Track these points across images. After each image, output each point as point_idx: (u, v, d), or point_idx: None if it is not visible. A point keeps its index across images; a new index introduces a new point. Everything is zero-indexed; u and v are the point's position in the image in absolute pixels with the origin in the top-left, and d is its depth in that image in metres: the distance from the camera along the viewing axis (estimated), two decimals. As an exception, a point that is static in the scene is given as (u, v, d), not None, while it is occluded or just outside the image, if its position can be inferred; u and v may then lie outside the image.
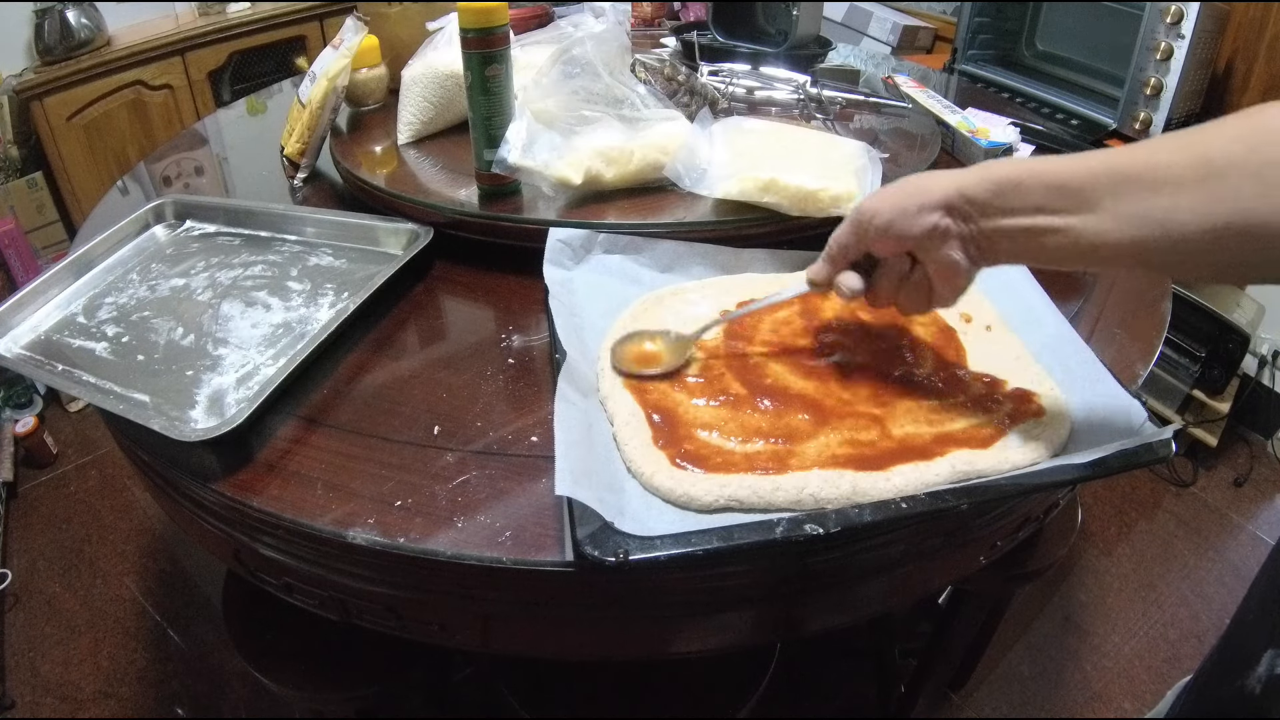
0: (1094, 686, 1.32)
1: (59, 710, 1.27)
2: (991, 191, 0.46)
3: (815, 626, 0.61)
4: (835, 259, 0.54)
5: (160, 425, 0.55)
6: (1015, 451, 0.53)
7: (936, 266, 0.50)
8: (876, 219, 0.50)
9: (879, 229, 0.50)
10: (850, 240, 0.52)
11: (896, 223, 0.49)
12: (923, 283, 0.52)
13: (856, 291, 0.53)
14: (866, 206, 0.50)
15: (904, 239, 0.50)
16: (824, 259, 0.55)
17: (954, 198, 0.47)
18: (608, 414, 0.56)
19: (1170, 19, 1.36)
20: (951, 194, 0.47)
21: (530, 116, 0.76)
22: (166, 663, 1.34)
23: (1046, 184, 0.45)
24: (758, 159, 0.76)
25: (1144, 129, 1.47)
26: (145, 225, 0.84)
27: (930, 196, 0.48)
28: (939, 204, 0.48)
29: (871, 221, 0.50)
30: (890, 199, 0.50)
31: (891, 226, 0.49)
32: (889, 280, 0.53)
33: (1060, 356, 0.61)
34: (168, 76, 2.05)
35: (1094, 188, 0.44)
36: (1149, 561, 1.55)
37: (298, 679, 0.76)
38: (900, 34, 2.03)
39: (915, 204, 0.48)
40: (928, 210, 0.48)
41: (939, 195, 0.48)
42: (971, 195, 0.47)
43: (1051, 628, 1.42)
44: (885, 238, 0.50)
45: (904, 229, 0.49)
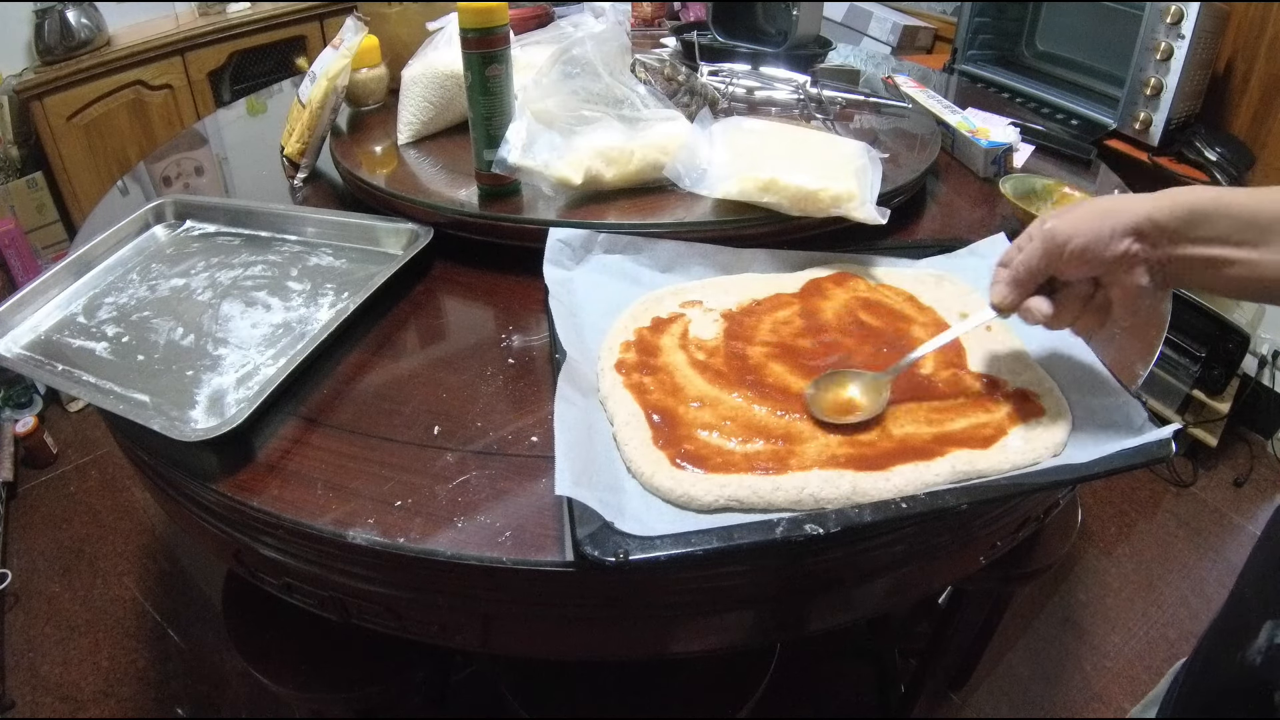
0: (1094, 686, 1.32)
1: (59, 710, 1.27)
2: (1181, 220, 0.47)
3: (815, 626, 0.61)
4: (1024, 283, 0.53)
5: (160, 425, 0.55)
6: (1015, 451, 0.53)
7: (1122, 290, 0.50)
8: (1072, 243, 0.49)
9: (1074, 252, 0.50)
10: (1041, 264, 0.51)
11: (1091, 247, 0.49)
12: (1105, 305, 0.52)
13: (1048, 316, 0.52)
14: (1061, 230, 0.50)
15: (1096, 263, 0.50)
16: (1009, 283, 0.53)
17: (1143, 224, 0.48)
18: (608, 414, 0.56)
19: (1170, 19, 1.36)
20: (1141, 219, 0.48)
21: (530, 116, 0.76)
22: (166, 663, 1.34)
23: (1234, 216, 0.46)
24: (758, 159, 0.76)
25: (1144, 129, 1.47)
26: (145, 225, 0.84)
27: (1121, 222, 0.48)
28: (1131, 230, 0.48)
29: (1066, 245, 0.50)
30: (1084, 223, 0.49)
31: (1086, 251, 0.49)
32: (1073, 303, 0.53)
33: (1060, 356, 0.61)
34: (168, 76, 2.05)
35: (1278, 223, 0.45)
36: (1149, 561, 1.55)
37: (298, 679, 0.76)
38: (900, 34, 2.03)
39: (1109, 228, 0.49)
40: (1120, 236, 0.48)
41: (1129, 221, 0.48)
42: (1161, 222, 0.48)
43: (1051, 628, 1.42)
44: (1078, 261, 0.50)
45: (1097, 253, 0.49)
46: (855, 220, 0.72)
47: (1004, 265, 0.54)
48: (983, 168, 0.94)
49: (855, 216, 0.72)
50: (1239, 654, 0.44)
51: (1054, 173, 0.99)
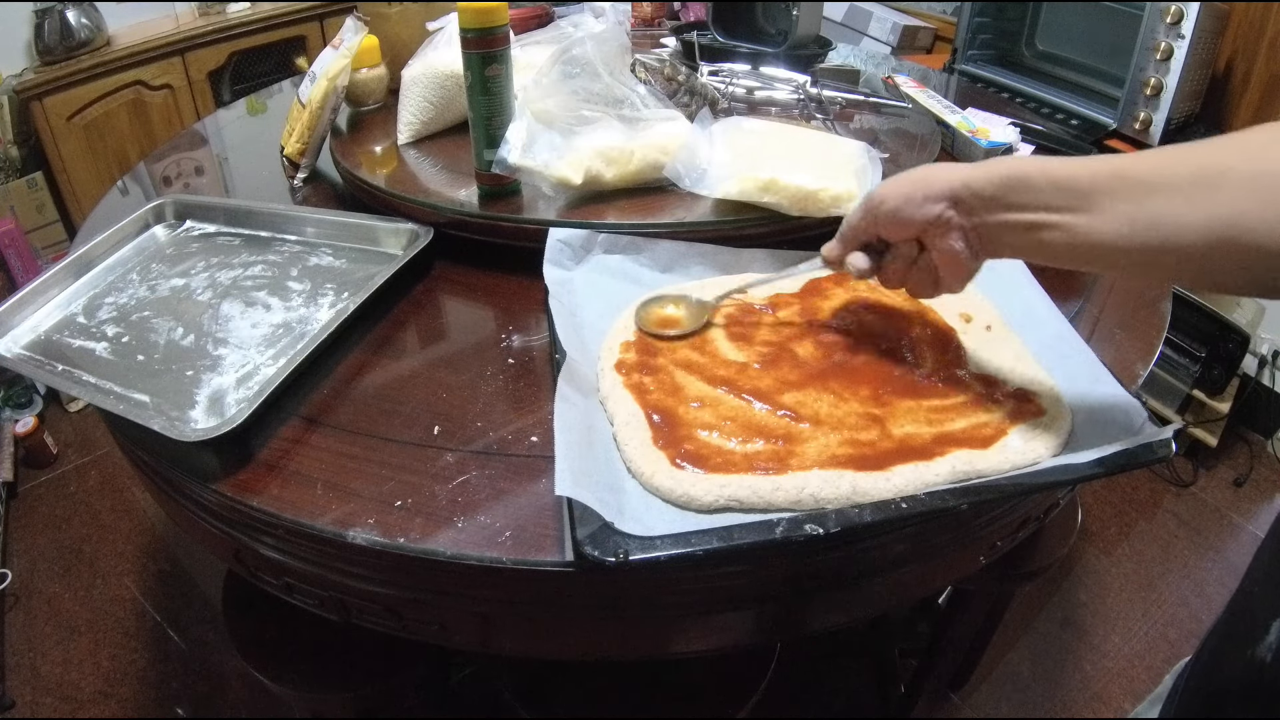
0: (1094, 686, 1.32)
1: (59, 710, 1.27)
2: (996, 186, 0.48)
3: (815, 626, 0.61)
4: (847, 239, 0.57)
5: (160, 425, 0.55)
6: (1015, 451, 0.53)
7: (940, 254, 0.52)
8: (884, 204, 0.52)
9: (886, 214, 0.53)
10: (860, 222, 0.55)
11: (902, 209, 0.51)
12: (929, 268, 0.54)
13: (863, 270, 0.56)
14: (877, 192, 0.53)
15: (909, 225, 0.52)
16: (837, 238, 0.58)
17: (959, 190, 0.49)
18: (608, 414, 0.56)
19: (1170, 19, 1.36)
20: (957, 186, 0.49)
21: (530, 116, 0.76)
22: (166, 663, 1.34)
23: (1052, 182, 0.46)
24: (758, 159, 0.76)
25: (1144, 129, 1.47)
26: (145, 225, 0.84)
27: (936, 187, 0.50)
28: (943, 195, 0.50)
29: (880, 206, 0.53)
30: (899, 187, 0.52)
31: (898, 213, 0.52)
32: (897, 264, 0.55)
33: (1060, 356, 0.61)
34: (168, 76, 2.05)
35: (1096, 188, 0.45)
36: (1149, 561, 1.55)
37: (298, 679, 0.76)
38: (900, 34, 2.03)
39: (921, 193, 0.50)
40: (932, 200, 0.50)
41: (944, 186, 0.50)
42: (976, 189, 0.49)
43: (1051, 628, 1.42)
44: (892, 223, 0.53)
45: (909, 216, 0.51)
46: (855, 220, 0.72)
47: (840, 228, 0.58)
48: (983, 168, 0.94)
49: (855, 216, 0.72)
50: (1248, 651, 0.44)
51: (1054, 173, 0.99)
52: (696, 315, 0.64)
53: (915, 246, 0.54)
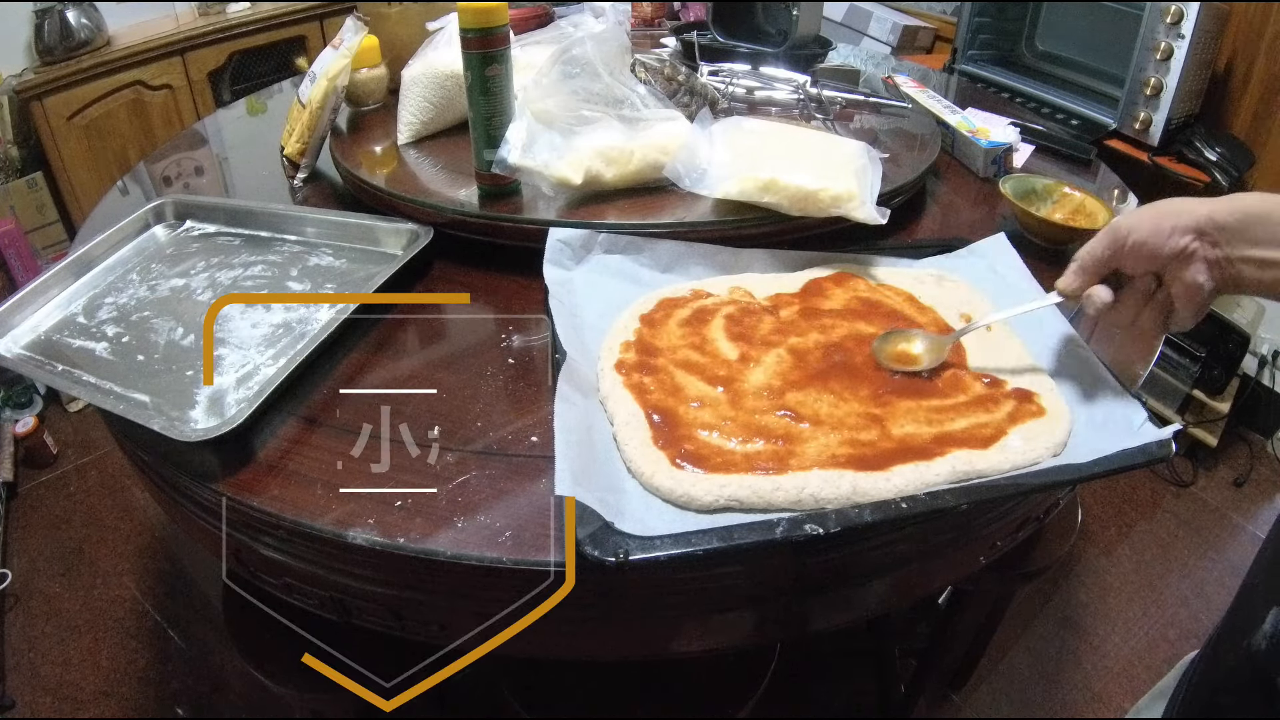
0: (1094, 686, 1.32)
1: (59, 710, 1.27)
2: (1240, 220, 0.49)
3: (815, 626, 0.61)
4: (1088, 270, 0.55)
5: (160, 425, 0.55)
6: (1015, 451, 0.53)
7: (1181, 287, 0.52)
8: (1133, 235, 0.52)
9: (1134, 245, 0.52)
10: (1105, 254, 0.54)
11: (1150, 241, 0.51)
12: (1165, 302, 0.54)
13: (1106, 305, 0.55)
14: (1123, 223, 0.53)
15: (1155, 258, 0.52)
16: (1075, 271, 0.56)
17: (1204, 223, 0.50)
18: (608, 414, 0.56)
19: (1170, 19, 1.36)
20: (1203, 220, 0.50)
21: (530, 116, 0.76)
22: (166, 663, 1.34)
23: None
24: (758, 159, 0.76)
25: (1144, 129, 1.47)
26: (145, 225, 0.84)
27: (1183, 220, 0.51)
28: (1190, 228, 0.50)
29: (1128, 238, 0.52)
30: (1147, 218, 0.52)
31: (1145, 244, 0.52)
32: (1134, 297, 0.55)
33: (1060, 356, 0.61)
34: (168, 76, 2.05)
35: None
36: (1149, 561, 1.55)
37: (298, 679, 0.76)
38: (900, 34, 2.03)
39: (1169, 225, 0.51)
40: (1180, 233, 0.51)
41: (1190, 220, 0.50)
42: (1221, 222, 0.50)
43: (1051, 628, 1.42)
44: (1137, 254, 0.53)
45: (1156, 247, 0.51)
46: (855, 220, 0.72)
47: (1075, 258, 0.56)
48: (983, 168, 0.94)
49: (855, 216, 0.72)
50: (1245, 641, 0.44)
51: (1054, 173, 0.99)
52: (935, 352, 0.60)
53: (1154, 280, 0.54)
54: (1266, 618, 0.43)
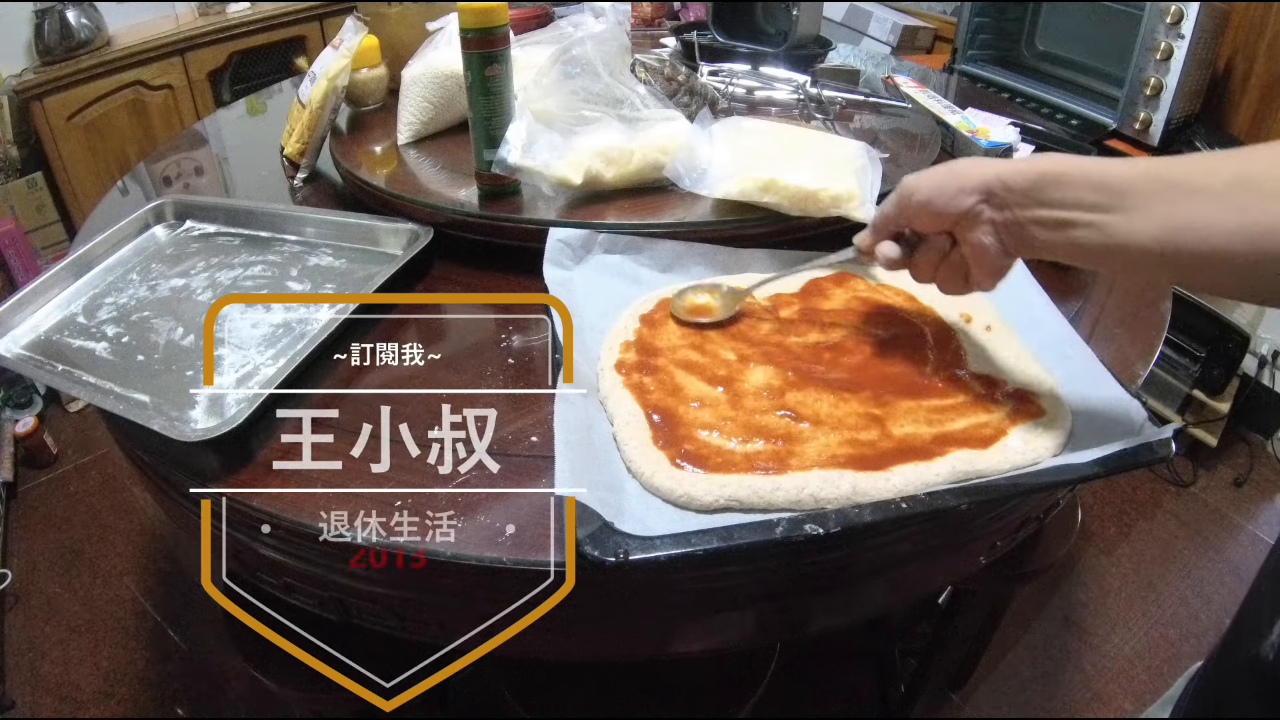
0: (1094, 686, 1.32)
1: (59, 710, 1.27)
2: (1031, 181, 0.48)
3: (815, 626, 0.61)
4: (878, 228, 0.57)
5: (160, 425, 0.55)
6: (1015, 451, 0.53)
7: (970, 249, 0.52)
8: (916, 195, 0.52)
9: (918, 204, 0.52)
10: (892, 212, 0.55)
11: (934, 200, 0.51)
12: (960, 263, 0.53)
13: (893, 260, 0.56)
14: (909, 182, 0.53)
15: (940, 217, 0.52)
16: (869, 227, 0.58)
17: (993, 183, 0.49)
18: (608, 414, 0.56)
19: (1170, 19, 1.36)
20: (991, 180, 0.49)
21: (530, 116, 0.76)
22: (166, 663, 1.34)
23: (1087, 180, 0.46)
24: (758, 159, 0.76)
25: (1144, 129, 1.47)
26: (145, 225, 0.84)
27: (969, 180, 0.50)
28: (977, 188, 0.50)
29: (911, 197, 0.53)
30: (932, 178, 0.52)
31: (929, 204, 0.52)
32: (928, 256, 0.55)
33: (1060, 356, 0.61)
34: (168, 76, 2.05)
35: (1132, 189, 0.45)
36: (1149, 561, 1.55)
37: (298, 679, 0.76)
38: (900, 34, 2.03)
39: (954, 185, 0.50)
40: (965, 193, 0.50)
41: (978, 180, 0.49)
42: (1010, 183, 0.48)
43: (1051, 628, 1.42)
44: (923, 214, 0.53)
45: (940, 207, 0.51)
46: (855, 220, 0.72)
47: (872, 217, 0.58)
48: (983, 168, 0.94)
49: (855, 216, 0.72)
50: (1253, 649, 0.44)
51: (1054, 173, 0.99)
52: (729, 304, 0.64)
53: (948, 240, 0.53)
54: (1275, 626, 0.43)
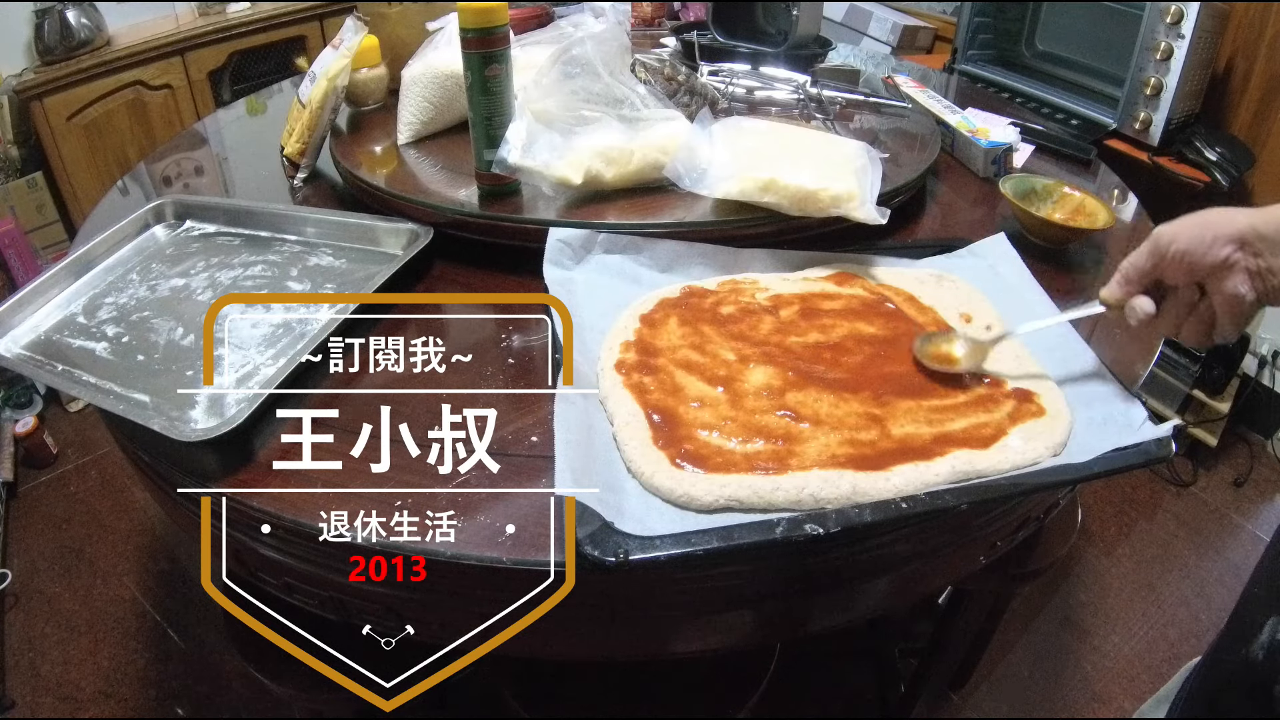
0: (1094, 686, 1.32)
1: (59, 710, 1.27)
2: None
3: (815, 626, 0.61)
4: (1131, 281, 0.55)
5: (160, 425, 0.55)
6: (1015, 451, 0.53)
7: (1223, 298, 0.51)
8: (1174, 245, 0.52)
9: (1175, 254, 0.52)
10: (1147, 265, 0.54)
11: (1192, 251, 0.51)
12: (1207, 313, 0.53)
13: (1149, 315, 0.55)
14: (1166, 232, 0.52)
15: (1197, 268, 0.51)
16: (1119, 281, 0.56)
17: (1247, 232, 0.49)
18: (608, 414, 0.56)
19: (1170, 19, 1.36)
20: (1245, 229, 0.49)
21: (530, 116, 0.76)
22: (166, 663, 1.34)
23: None
24: (758, 159, 0.76)
25: (1144, 129, 1.47)
26: (145, 225, 0.84)
27: (1225, 229, 0.50)
28: (1233, 237, 0.50)
29: (1170, 247, 0.52)
30: (1189, 228, 0.51)
31: (1187, 255, 0.51)
32: (1177, 308, 0.54)
33: (1060, 357, 0.61)
34: (168, 76, 2.05)
35: None
36: (1149, 561, 1.55)
37: (298, 679, 0.76)
38: (900, 34, 2.03)
39: (1211, 235, 0.50)
40: (1222, 242, 0.50)
41: (1234, 229, 0.50)
42: (1263, 232, 0.49)
43: (1051, 628, 1.42)
44: (1179, 265, 0.52)
45: (1198, 258, 0.51)
46: (855, 220, 0.72)
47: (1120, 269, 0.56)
48: (983, 168, 0.94)
49: (855, 216, 0.72)
50: (1243, 650, 0.44)
51: (1054, 173, 0.99)
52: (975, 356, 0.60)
53: (1196, 291, 0.53)
54: (1265, 627, 0.43)
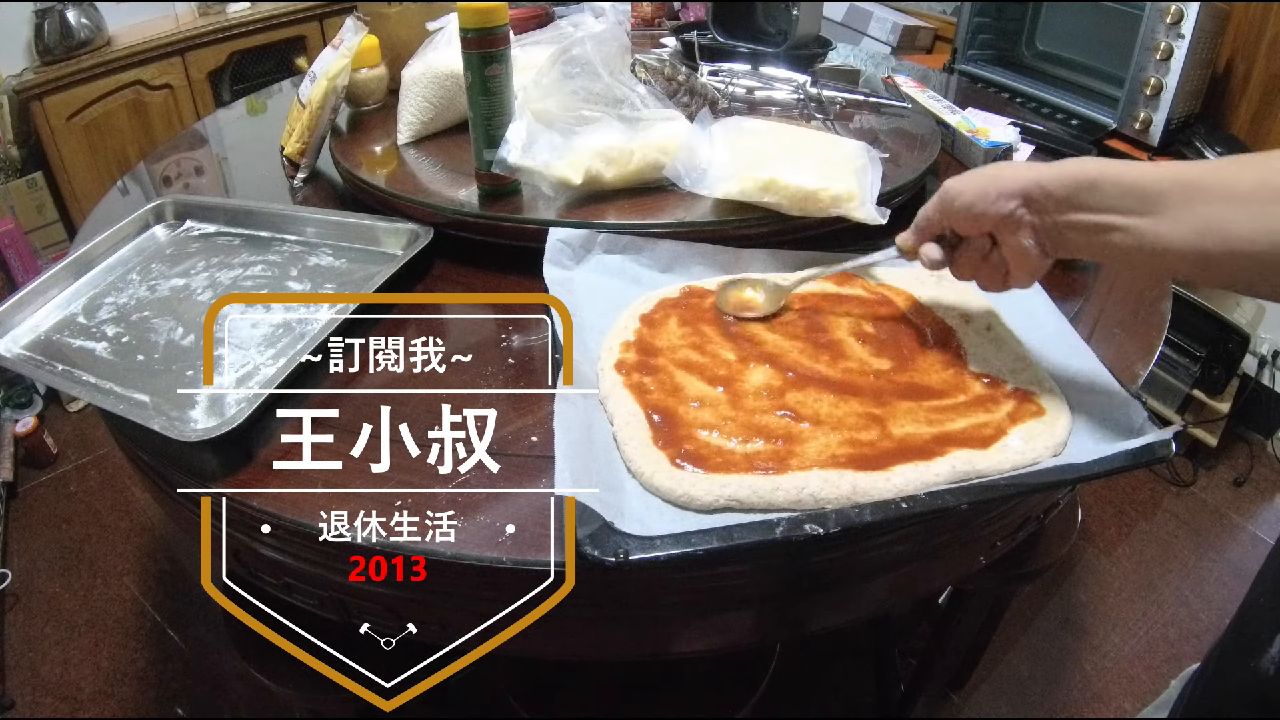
0: (1094, 686, 1.32)
1: (59, 710, 1.27)
2: (1068, 187, 0.49)
3: (815, 626, 0.61)
4: (921, 229, 0.58)
5: (160, 425, 0.55)
6: (1015, 451, 0.53)
7: (1010, 251, 0.53)
8: (959, 199, 0.53)
9: (960, 208, 0.54)
10: (935, 215, 0.57)
11: (976, 204, 0.53)
12: (1000, 263, 0.55)
13: (937, 261, 0.58)
14: (951, 185, 0.54)
15: (981, 220, 0.53)
16: (912, 229, 0.59)
17: (1031, 189, 0.50)
18: (608, 414, 0.56)
19: (1170, 19, 1.36)
20: (1030, 186, 0.50)
21: (530, 116, 0.76)
22: (166, 663, 1.34)
23: (1120, 186, 0.48)
24: (758, 159, 0.76)
25: (1144, 129, 1.47)
26: (145, 225, 0.84)
27: (1010, 185, 0.51)
28: (1017, 193, 0.51)
29: (955, 200, 0.54)
30: (974, 182, 0.53)
31: (971, 208, 0.53)
32: (969, 257, 0.57)
33: (1060, 356, 0.61)
34: (168, 76, 2.05)
35: (1164, 193, 0.46)
36: (1149, 561, 1.55)
37: (298, 679, 0.76)
38: (900, 34, 2.03)
39: (995, 190, 0.52)
40: (1005, 197, 0.51)
41: (1018, 185, 0.51)
42: (1048, 189, 0.50)
43: (1051, 628, 1.42)
44: (965, 217, 0.54)
45: (982, 211, 0.53)
46: (855, 220, 0.72)
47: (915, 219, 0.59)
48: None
49: (855, 216, 0.72)
50: (1252, 663, 0.44)
51: (1054, 173, 0.99)
52: (774, 298, 0.64)
53: (988, 241, 0.55)
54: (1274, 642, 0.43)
